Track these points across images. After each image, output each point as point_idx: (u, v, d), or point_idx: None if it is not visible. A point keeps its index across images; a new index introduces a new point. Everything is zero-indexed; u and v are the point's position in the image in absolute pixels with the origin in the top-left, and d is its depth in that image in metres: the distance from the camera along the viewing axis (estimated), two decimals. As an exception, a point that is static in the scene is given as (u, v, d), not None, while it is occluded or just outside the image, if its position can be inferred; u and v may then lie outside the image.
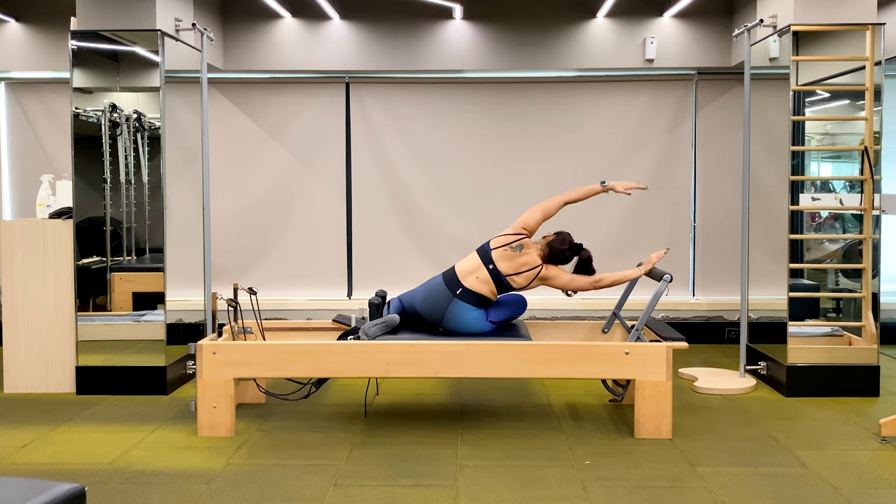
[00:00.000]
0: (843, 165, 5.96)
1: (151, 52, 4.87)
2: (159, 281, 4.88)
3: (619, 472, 3.51)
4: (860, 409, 4.47)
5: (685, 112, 6.37)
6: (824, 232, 5.42)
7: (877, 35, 4.68)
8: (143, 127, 5.39)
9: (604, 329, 4.56)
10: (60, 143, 6.26)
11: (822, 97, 5.54)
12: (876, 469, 3.55)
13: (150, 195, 5.33)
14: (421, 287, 4.28)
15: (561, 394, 4.79)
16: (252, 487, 3.36)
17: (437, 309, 4.15)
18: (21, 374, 4.85)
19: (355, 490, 3.32)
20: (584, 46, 6.16)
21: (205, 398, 3.98)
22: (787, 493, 3.28)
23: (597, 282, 4.14)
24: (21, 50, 6.13)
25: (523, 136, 6.37)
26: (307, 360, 3.95)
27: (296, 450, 3.82)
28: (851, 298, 5.06)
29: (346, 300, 6.43)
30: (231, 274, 6.33)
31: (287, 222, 6.48)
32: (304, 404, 4.56)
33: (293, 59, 6.21)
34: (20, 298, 4.85)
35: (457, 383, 5.03)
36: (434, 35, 6.18)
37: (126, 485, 3.39)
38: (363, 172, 6.44)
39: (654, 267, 4.17)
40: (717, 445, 3.87)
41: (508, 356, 3.93)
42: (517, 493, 3.28)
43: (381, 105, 6.41)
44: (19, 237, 4.85)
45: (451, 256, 6.43)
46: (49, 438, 4.01)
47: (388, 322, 4.14)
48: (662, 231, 6.38)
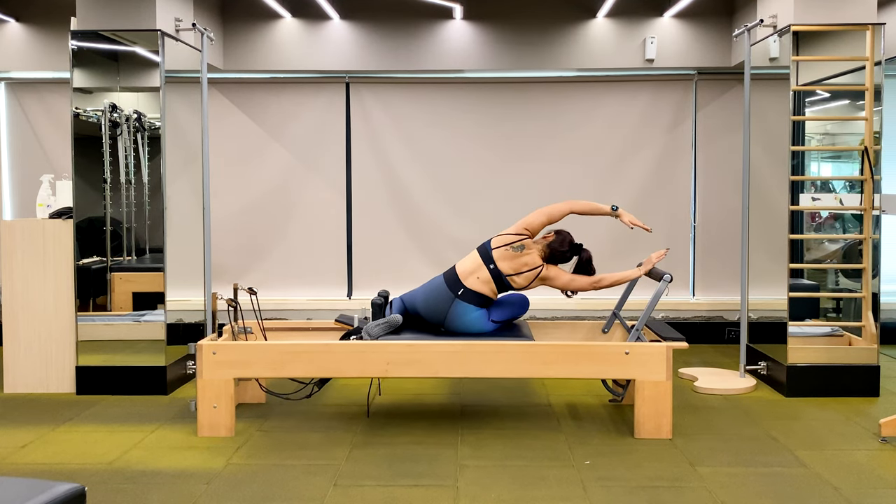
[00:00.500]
0: (843, 165, 5.96)
1: (151, 52, 4.87)
2: (159, 281, 4.88)
3: (620, 473, 3.51)
4: (860, 409, 4.47)
5: (685, 112, 6.37)
6: (824, 232, 5.42)
7: (877, 35, 4.68)
8: (143, 127, 5.39)
9: (604, 329, 4.55)
10: (60, 143, 6.26)
11: (822, 97, 5.54)
12: (876, 469, 3.55)
13: (151, 195, 5.33)
14: (422, 288, 4.27)
15: (561, 394, 4.79)
16: (252, 487, 3.36)
17: (439, 310, 4.15)
18: (21, 374, 4.85)
19: (355, 490, 3.32)
20: (584, 46, 6.16)
21: (205, 398, 3.98)
22: (787, 494, 3.28)
23: (596, 282, 4.14)
24: (21, 50, 6.13)
25: (523, 135, 6.37)
26: (307, 360, 3.96)
27: (296, 450, 3.82)
28: (851, 298, 5.06)
29: (347, 300, 6.43)
30: (231, 274, 6.34)
31: (287, 222, 6.48)
32: (304, 404, 4.56)
33: (293, 59, 6.21)
34: (20, 298, 4.85)
35: (457, 383, 5.03)
36: (434, 35, 6.18)
37: (126, 485, 3.39)
38: (363, 172, 6.44)
39: (654, 267, 4.17)
40: (717, 445, 3.87)
41: (508, 356, 3.93)
42: (517, 493, 3.28)
43: (382, 105, 6.41)
44: (19, 237, 4.85)
45: (452, 256, 6.43)
46: (49, 438, 4.01)
47: (390, 322, 4.13)
48: (663, 231, 6.38)
